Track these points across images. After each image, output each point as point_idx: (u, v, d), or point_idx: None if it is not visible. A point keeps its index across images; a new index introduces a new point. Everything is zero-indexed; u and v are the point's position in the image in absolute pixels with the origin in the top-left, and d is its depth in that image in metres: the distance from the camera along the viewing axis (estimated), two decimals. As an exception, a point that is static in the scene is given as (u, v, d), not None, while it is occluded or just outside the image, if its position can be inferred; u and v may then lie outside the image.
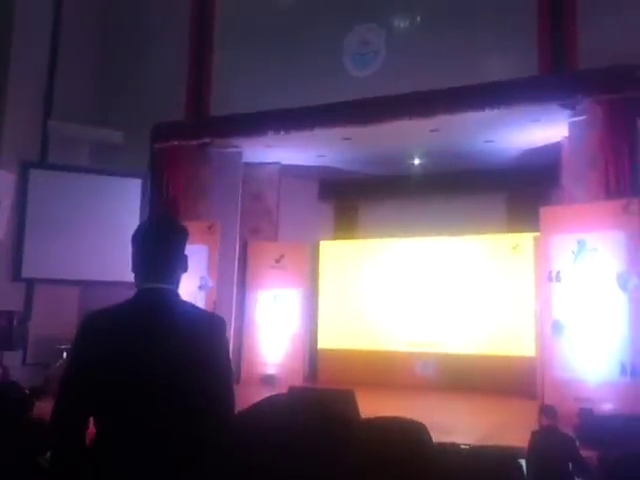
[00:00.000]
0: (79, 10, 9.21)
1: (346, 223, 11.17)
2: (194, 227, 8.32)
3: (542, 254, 6.95)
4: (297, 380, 8.96)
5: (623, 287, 6.18)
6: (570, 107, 7.06)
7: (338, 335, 10.33)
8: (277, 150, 9.33)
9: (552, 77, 7.03)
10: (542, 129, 7.94)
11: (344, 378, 8.66)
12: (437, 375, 9.42)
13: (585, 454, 4.79)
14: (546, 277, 6.69)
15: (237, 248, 9.28)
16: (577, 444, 4.83)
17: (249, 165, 9.56)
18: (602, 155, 6.76)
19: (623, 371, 6.10)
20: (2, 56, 8.15)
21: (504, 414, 7.42)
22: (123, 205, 8.63)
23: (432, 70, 7.44)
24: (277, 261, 9.82)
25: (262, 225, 10.07)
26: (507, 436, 5.91)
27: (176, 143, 8.86)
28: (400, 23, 7.95)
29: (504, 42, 7.34)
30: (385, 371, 9.47)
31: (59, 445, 1.66)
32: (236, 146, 9.12)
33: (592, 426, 5.52)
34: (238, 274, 9.35)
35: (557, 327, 6.47)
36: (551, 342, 6.58)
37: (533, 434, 4.87)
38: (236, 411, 1.76)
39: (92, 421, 1.69)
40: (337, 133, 8.29)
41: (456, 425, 6.39)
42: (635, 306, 6.11)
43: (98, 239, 8.25)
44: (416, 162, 9.83)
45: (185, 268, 1.85)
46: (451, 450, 3.61)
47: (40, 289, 8.39)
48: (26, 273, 8.13)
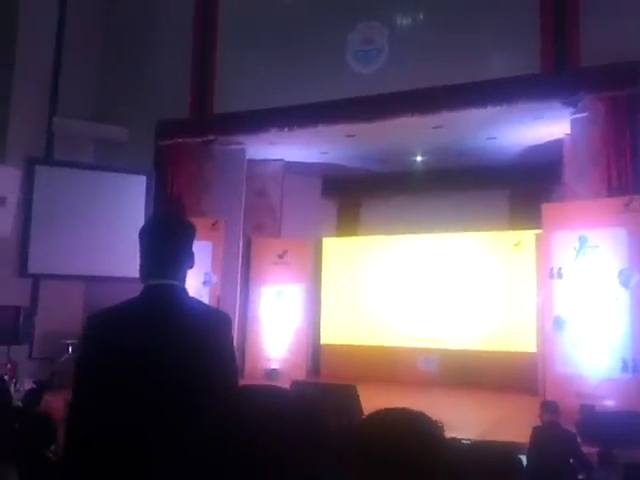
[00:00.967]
0: (83, 8, 9.24)
1: (349, 219, 11.21)
2: (198, 224, 8.26)
3: (544, 251, 6.98)
4: (300, 375, 9.01)
5: (625, 284, 6.21)
6: (572, 104, 7.08)
7: (341, 330, 10.38)
8: (281, 147, 9.36)
9: (554, 74, 7.04)
10: (544, 126, 7.95)
11: (346, 373, 8.71)
12: (439, 371, 9.46)
13: (586, 450, 4.83)
14: (547, 274, 6.72)
15: (241, 244, 9.33)
16: (578, 440, 4.88)
17: (253, 162, 9.60)
18: (604, 152, 6.78)
19: (624, 367, 6.13)
20: (7, 54, 8.20)
21: (505, 410, 7.46)
22: (128, 201, 8.68)
23: (435, 67, 7.47)
24: (280, 257, 9.87)
25: (265, 221, 10.12)
26: (508, 432, 5.95)
27: (180, 140, 8.91)
28: (403, 21, 7.97)
29: (507, 39, 7.36)
30: (387, 366, 9.51)
31: (77, 451, 1.65)
32: (240, 143, 9.16)
33: (593, 422, 5.56)
34: (242, 270, 9.40)
35: (558, 323, 6.50)
36: (552, 338, 6.61)
37: (534, 430, 4.90)
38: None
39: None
40: (340, 130, 8.32)
41: (458, 420, 6.42)
42: (636, 303, 6.14)
43: (103, 235, 8.31)
44: (419, 159, 9.85)
45: (191, 264, 1.86)
46: (456, 446, 3.65)
47: (46, 284, 8.46)
48: (32, 269, 8.20)
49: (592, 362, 6.25)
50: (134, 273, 1.86)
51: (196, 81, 9.05)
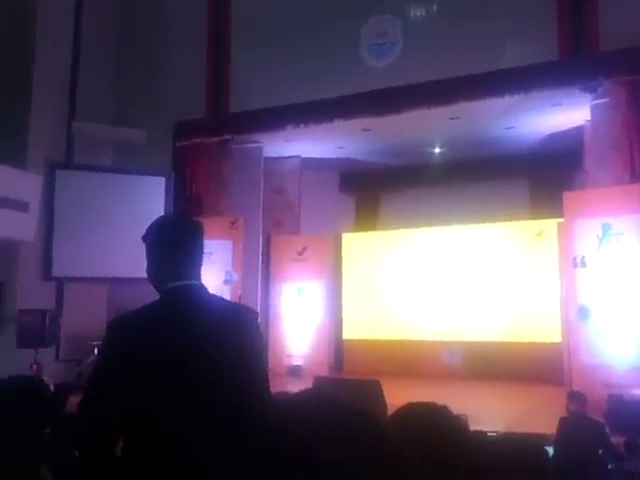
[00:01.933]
0: (99, 12, 9.32)
1: (367, 214, 11.18)
2: (218, 223, 8.46)
3: (566, 240, 6.89)
4: (323, 371, 9.03)
5: (650, 271, 6.11)
6: (592, 90, 6.96)
7: (363, 326, 10.37)
8: (297, 144, 9.37)
9: (572, 60, 6.94)
10: (564, 113, 7.84)
11: (370, 368, 8.70)
12: (463, 363, 9.41)
13: (615, 440, 4.77)
14: (571, 263, 6.63)
15: (260, 242, 9.37)
16: (607, 430, 4.81)
17: (270, 159, 9.62)
18: (626, 137, 6.67)
19: (652, 356, 6.04)
20: (26, 60, 8.30)
21: (531, 401, 7.39)
22: (147, 203, 8.75)
23: (450, 58, 7.40)
24: (300, 254, 9.89)
25: (284, 218, 10.14)
26: (535, 423, 5.90)
27: (197, 140, 8.96)
28: (416, 12, 7.91)
29: (522, 27, 7.26)
30: (411, 360, 9.48)
31: (86, 446, 1.68)
32: (256, 141, 9.18)
33: (621, 412, 5.49)
34: (262, 268, 9.44)
35: (583, 312, 6.42)
36: (577, 328, 6.53)
37: (561, 420, 4.85)
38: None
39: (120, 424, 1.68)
40: (356, 124, 8.29)
41: (483, 413, 6.38)
42: (663, 290, 6.04)
43: (124, 237, 8.38)
44: (436, 151, 9.79)
45: (201, 263, 1.89)
46: (478, 438, 3.63)
47: (70, 287, 8.58)
48: (56, 272, 8.31)
49: (618, 351, 6.16)
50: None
51: (211, 81, 9.10)
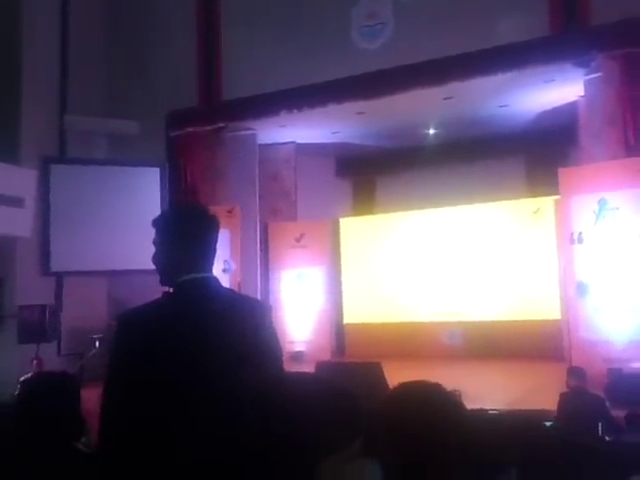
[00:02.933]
0: (88, 4, 9.23)
1: (365, 198, 11.16)
2: (215, 212, 8.39)
3: (563, 216, 6.89)
4: (325, 356, 9.07)
5: (647, 244, 6.12)
6: (584, 65, 6.91)
7: (363, 309, 10.40)
8: (291, 129, 9.33)
9: (564, 35, 6.89)
10: (557, 89, 7.80)
11: (371, 352, 8.74)
12: (464, 343, 9.45)
13: (615, 414, 4.81)
14: (568, 239, 6.64)
15: (258, 230, 9.36)
16: (607, 404, 4.85)
17: (264, 146, 9.58)
18: (620, 111, 6.64)
19: (651, 329, 6.07)
20: (15, 55, 8.23)
21: (533, 378, 7.44)
22: (143, 194, 8.74)
23: (441, 37, 7.34)
24: (298, 240, 9.89)
25: (281, 205, 10.12)
26: (537, 399, 5.94)
27: (191, 130, 8.92)
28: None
29: (513, 3, 7.20)
30: (412, 342, 9.53)
31: (111, 455, 1.64)
32: (250, 128, 9.14)
33: (622, 385, 5.53)
34: (260, 255, 9.44)
35: (581, 288, 6.43)
36: (576, 304, 6.55)
37: (562, 396, 4.88)
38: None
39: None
40: (350, 108, 8.25)
41: (485, 391, 6.43)
42: (660, 263, 6.05)
43: (121, 229, 8.39)
44: (431, 132, 9.75)
45: (215, 255, 1.87)
46: (478, 416, 3.65)
47: (69, 281, 8.58)
48: (55, 267, 8.32)
49: (617, 326, 6.18)
50: (154, 265, 1.84)
51: (202, 69, 9.04)
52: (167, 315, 1.72)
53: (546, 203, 8.82)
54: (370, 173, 11.02)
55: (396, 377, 4.99)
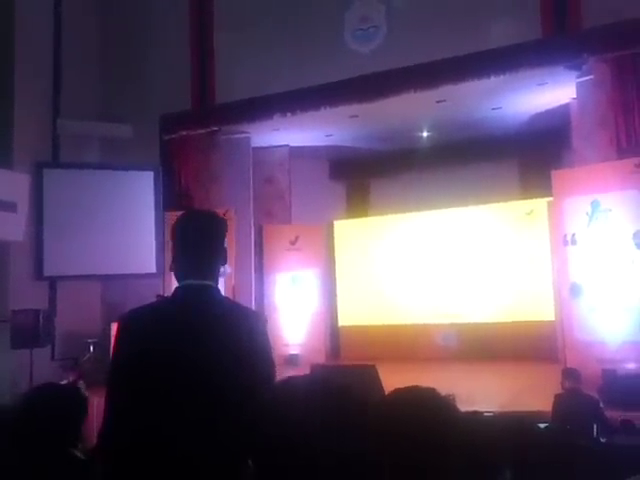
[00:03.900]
0: (80, 7, 9.22)
1: (359, 201, 11.18)
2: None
3: (556, 218, 6.92)
4: (320, 358, 9.07)
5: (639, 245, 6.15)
6: (576, 68, 6.96)
7: (358, 312, 10.41)
8: (285, 132, 9.33)
9: (556, 39, 6.94)
10: (549, 92, 7.85)
11: (366, 354, 8.75)
12: (459, 345, 9.47)
13: (610, 415, 4.82)
14: (561, 241, 6.67)
15: (252, 233, 9.36)
16: (601, 405, 4.87)
17: (258, 149, 9.58)
18: (612, 114, 6.68)
19: (644, 329, 6.09)
20: (7, 59, 8.21)
21: (527, 379, 7.46)
22: (137, 198, 8.72)
23: (434, 41, 7.37)
24: (292, 243, 9.89)
25: (275, 208, 10.13)
26: (531, 401, 5.97)
27: (184, 133, 8.91)
28: (399, -5, 7.86)
29: (505, 6, 7.24)
30: (406, 344, 9.54)
31: (112, 458, 1.65)
32: (244, 131, 9.14)
33: (616, 386, 5.55)
34: (255, 258, 9.44)
35: (575, 290, 6.46)
36: (570, 305, 6.58)
37: (556, 397, 4.90)
38: None
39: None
40: (343, 111, 8.26)
41: (480, 393, 6.46)
42: (653, 264, 6.08)
43: (115, 233, 8.37)
44: (425, 134, 9.78)
45: (224, 261, 1.85)
46: (471, 418, 3.66)
47: (63, 286, 8.55)
48: (48, 271, 8.28)
49: (611, 326, 6.21)
50: (148, 269, 1.86)
51: (196, 72, 9.04)
52: (155, 320, 1.74)
53: (539, 205, 8.86)
54: (364, 176, 11.04)
55: (391, 379, 5.01)
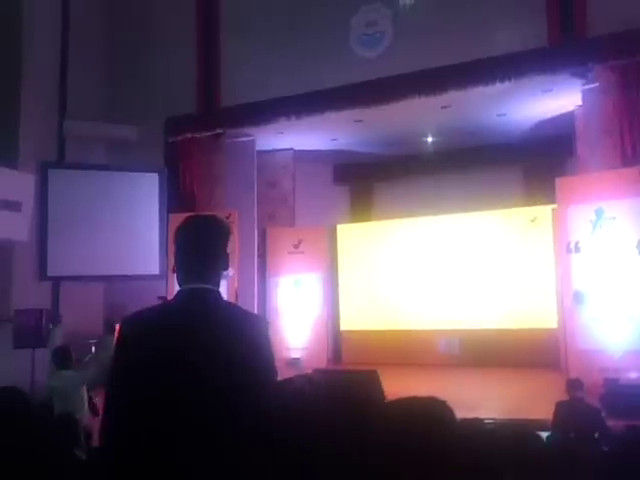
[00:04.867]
0: (87, 9, 9.27)
1: (362, 205, 11.18)
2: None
3: (560, 225, 6.91)
4: (321, 363, 9.06)
5: (644, 254, 6.13)
6: (582, 75, 6.96)
7: (360, 317, 10.40)
8: (289, 136, 9.35)
9: (561, 46, 6.93)
10: (555, 99, 7.85)
11: (368, 359, 8.74)
12: (461, 352, 9.45)
13: (611, 424, 4.80)
14: (565, 248, 6.65)
15: (256, 236, 9.36)
16: (602, 414, 4.84)
17: (263, 153, 9.60)
18: (617, 122, 6.67)
19: (647, 339, 6.06)
20: (14, 60, 8.25)
21: (529, 387, 7.44)
22: (141, 199, 8.74)
23: (440, 47, 7.38)
24: (295, 246, 9.89)
25: (279, 211, 10.13)
26: (533, 408, 5.94)
27: (189, 135, 8.93)
28: (405, 1, 7.87)
29: (512, 14, 7.24)
30: (408, 350, 9.52)
31: (110, 456, 1.65)
32: (249, 135, 9.16)
33: (617, 396, 5.53)
34: (258, 261, 9.44)
35: (578, 298, 6.44)
36: (572, 313, 6.56)
37: (557, 405, 4.88)
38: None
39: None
40: (348, 115, 8.27)
41: (481, 400, 6.43)
42: (657, 273, 6.06)
43: (119, 234, 8.39)
44: (429, 140, 9.78)
45: (226, 266, 1.84)
46: (472, 426, 3.64)
47: (66, 286, 8.57)
48: (51, 272, 8.30)
49: (614, 335, 6.19)
50: (151, 271, 1.86)
51: (202, 75, 9.07)
52: (153, 325, 1.73)
53: (543, 212, 8.84)
54: (368, 180, 11.04)
55: (392, 385, 4.97)
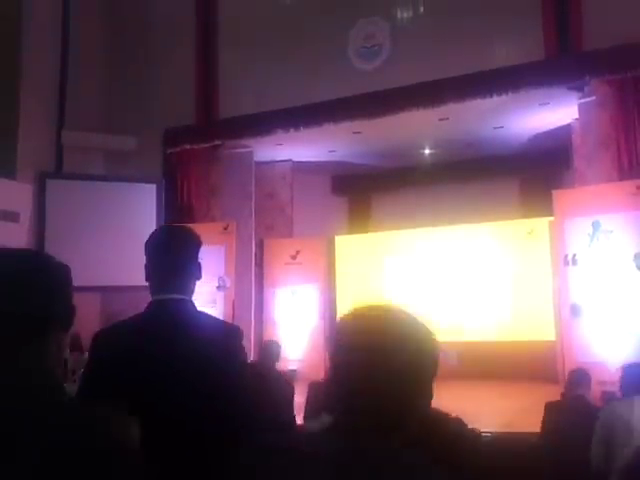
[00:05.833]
0: (86, 20, 9.31)
1: (360, 216, 11.20)
2: (210, 228, 8.44)
3: (557, 238, 6.93)
4: (318, 374, 8.99)
5: (641, 267, 6.14)
6: (578, 89, 7.02)
7: (358, 328, 10.35)
8: (288, 148, 9.38)
9: (558, 60, 6.99)
10: (551, 112, 7.90)
11: (365, 371, 8.68)
12: (458, 364, 9.42)
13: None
14: (562, 261, 6.67)
15: (253, 247, 9.36)
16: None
17: (261, 164, 9.63)
18: (613, 135, 6.71)
19: (645, 351, 6.06)
20: (13, 70, 8.27)
21: (527, 399, 7.40)
22: (139, 210, 8.73)
23: (438, 60, 7.44)
24: (293, 257, 9.88)
25: (277, 223, 10.14)
26: (530, 421, 5.91)
27: (188, 147, 8.95)
28: (403, 15, 7.94)
29: (508, 27, 7.31)
30: (406, 362, 9.47)
31: None
32: (247, 146, 9.19)
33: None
34: (255, 272, 9.43)
35: (575, 311, 6.45)
36: (570, 326, 6.56)
37: (546, 407, 4.61)
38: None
39: None
40: (346, 128, 8.31)
41: (480, 413, 6.40)
42: (654, 286, 6.07)
43: (116, 245, 8.37)
44: (427, 152, 9.82)
45: (199, 276, 1.84)
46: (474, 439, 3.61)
47: (62, 297, 8.53)
48: (48, 282, 8.26)
49: (612, 348, 6.19)
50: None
51: (200, 87, 9.10)
52: (127, 337, 1.75)
53: (540, 224, 8.86)
54: (366, 192, 11.07)
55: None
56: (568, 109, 7.50)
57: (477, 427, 4.61)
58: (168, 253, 1.83)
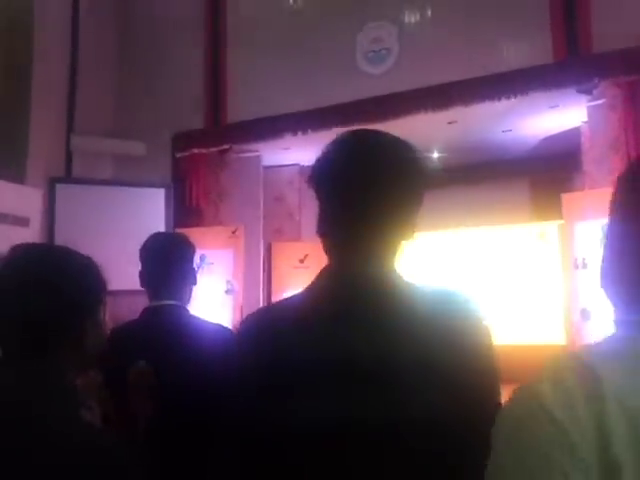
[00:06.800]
0: (96, 25, 9.38)
1: (368, 220, 11.17)
2: (219, 232, 8.47)
3: (566, 241, 6.88)
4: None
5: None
6: (588, 92, 6.97)
7: (366, 332, 10.34)
8: (296, 152, 9.38)
9: (567, 62, 6.95)
10: (561, 115, 7.86)
11: (374, 375, 8.67)
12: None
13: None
14: (572, 264, 6.62)
15: (261, 251, 9.37)
16: None
17: (269, 168, 9.64)
18: (623, 138, 6.66)
19: (656, 355, 6.00)
20: (23, 75, 8.33)
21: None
22: (148, 215, 8.76)
23: (446, 63, 7.42)
24: (301, 261, 9.87)
25: (285, 226, 10.15)
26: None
27: (196, 151, 8.98)
28: (411, 18, 7.94)
29: (516, 30, 7.28)
30: (415, 366, 9.44)
31: None
32: (255, 150, 9.21)
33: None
34: (264, 276, 9.44)
35: (585, 315, 6.40)
36: (580, 330, 6.51)
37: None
38: None
39: None
40: (354, 132, 8.29)
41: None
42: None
43: (124, 250, 8.37)
44: (435, 155, 9.79)
45: (194, 282, 1.85)
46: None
47: (72, 301, 8.57)
48: (58, 286, 8.31)
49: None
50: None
51: (209, 91, 9.14)
52: (121, 344, 1.80)
53: (550, 228, 8.82)
54: (374, 195, 11.04)
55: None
56: (577, 112, 7.46)
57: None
58: (162, 260, 1.84)
